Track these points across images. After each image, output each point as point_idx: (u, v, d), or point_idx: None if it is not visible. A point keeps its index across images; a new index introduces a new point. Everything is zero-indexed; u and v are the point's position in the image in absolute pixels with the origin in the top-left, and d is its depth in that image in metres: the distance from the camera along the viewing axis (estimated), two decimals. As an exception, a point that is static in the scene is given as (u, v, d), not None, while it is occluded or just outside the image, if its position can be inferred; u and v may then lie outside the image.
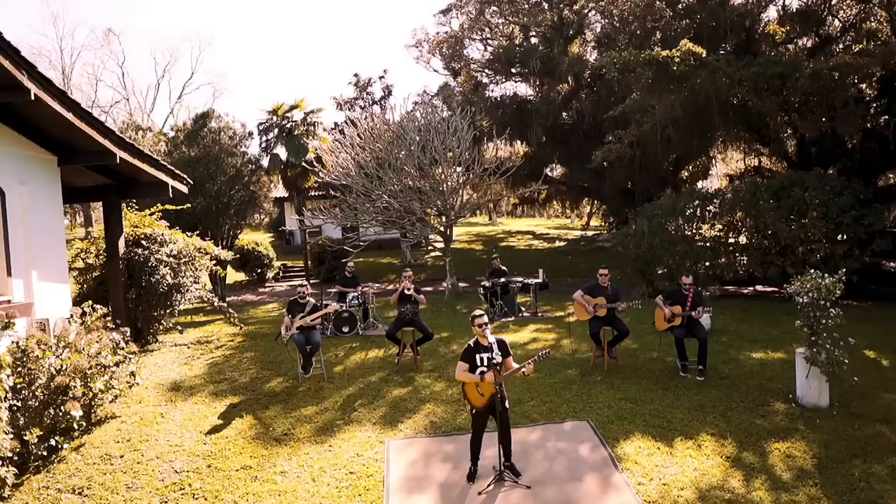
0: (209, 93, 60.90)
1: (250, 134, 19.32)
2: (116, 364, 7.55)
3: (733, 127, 17.10)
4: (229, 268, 23.03)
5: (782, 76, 13.54)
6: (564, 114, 25.36)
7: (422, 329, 9.48)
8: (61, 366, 6.76)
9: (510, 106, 25.38)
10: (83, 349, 7.19)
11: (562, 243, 35.03)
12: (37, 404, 6.49)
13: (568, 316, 13.72)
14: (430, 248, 32.97)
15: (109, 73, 73.61)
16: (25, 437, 5.97)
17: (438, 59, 26.26)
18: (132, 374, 7.87)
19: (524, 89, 28.96)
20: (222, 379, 9.12)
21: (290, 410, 7.78)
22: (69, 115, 7.63)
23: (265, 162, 19.73)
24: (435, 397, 8.12)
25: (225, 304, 11.92)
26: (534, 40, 23.50)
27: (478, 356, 5.95)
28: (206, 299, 11.55)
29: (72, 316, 7.64)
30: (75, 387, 6.74)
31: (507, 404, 5.93)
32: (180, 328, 11.57)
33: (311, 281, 19.39)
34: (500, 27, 26.91)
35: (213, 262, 11.92)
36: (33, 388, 6.41)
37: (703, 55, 13.40)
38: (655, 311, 9.07)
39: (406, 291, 9.35)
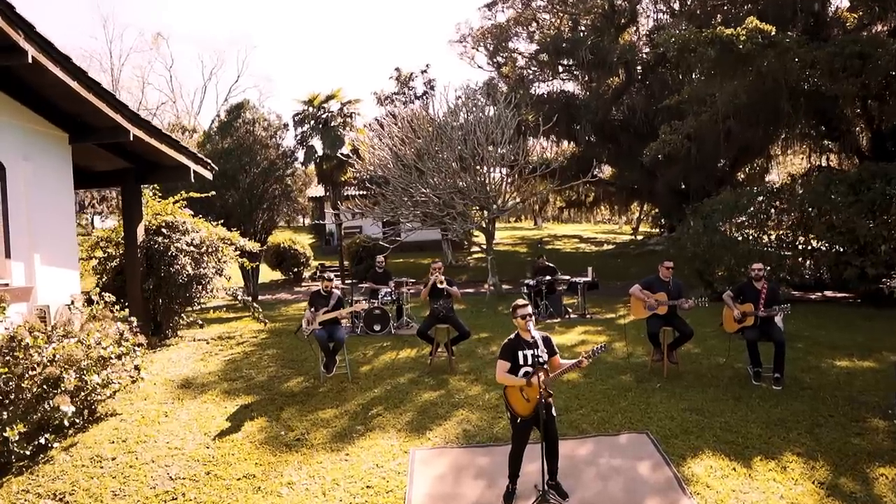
0: (255, 95, 61.63)
1: (285, 126, 18.78)
2: (118, 357, 6.85)
3: (802, 116, 15.59)
4: (265, 266, 22.64)
5: (862, 56, 12.14)
6: (614, 109, 24.09)
7: (457, 326, 8.53)
8: (53, 356, 6.09)
9: (557, 101, 24.25)
10: (82, 339, 6.54)
11: (610, 247, 33.65)
12: (27, 397, 5.82)
13: (620, 318, 12.59)
14: (471, 248, 32.11)
15: (157, 76, 75.28)
16: (6, 435, 5.30)
17: (483, 53, 25.34)
18: (136, 368, 7.16)
19: (572, 87, 27.86)
20: (238, 377, 8.36)
21: (306, 413, 6.95)
22: (74, 84, 7.02)
23: (300, 155, 19.15)
24: (470, 402, 7.16)
25: (250, 299, 11.24)
26: (583, 32, 22.34)
27: (520, 353, 4.99)
28: (229, 292, 10.87)
29: (72, 302, 6.99)
30: (68, 379, 6.05)
31: (553, 411, 4.94)
32: (201, 322, 10.93)
33: (347, 282, 18.74)
34: (548, 20, 25.85)
35: (238, 253, 11.23)
36: (20, 379, 5.74)
37: (773, 33, 12.11)
38: (724, 311, 7.92)
39: (438, 285, 8.44)
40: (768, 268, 13.34)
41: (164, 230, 10.17)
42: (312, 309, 8.12)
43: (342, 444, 6.08)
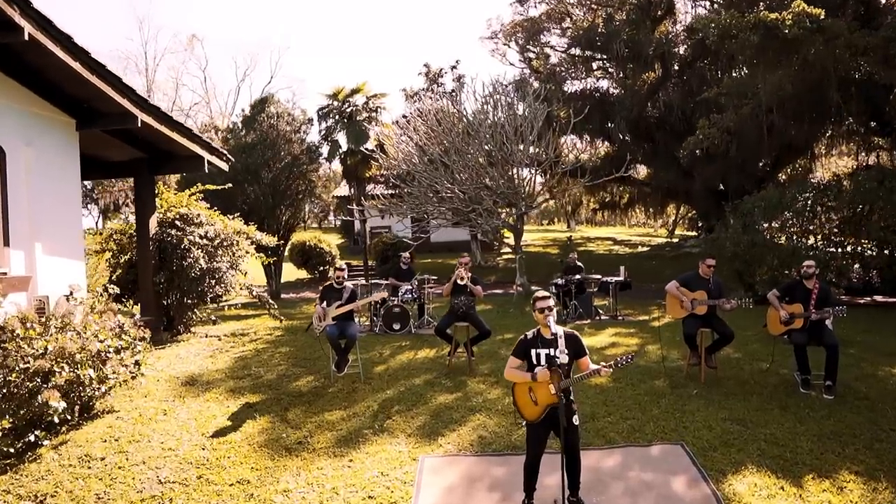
0: (288, 96, 61.97)
1: (310, 120, 18.45)
2: (117, 351, 6.50)
3: (853, 108, 14.56)
4: (291, 265, 22.42)
5: (921, 41, 11.23)
6: (650, 106, 23.22)
7: (477, 325, 8.00)
8: (45, 348, 5.76)
9: (591, 97, 23.50)
10: (79, 331, 6.21)
11: (644, 249, 32.68)
12: (15, 391, 5.49)
13: (654, 320, 11.88)
14: (501, 249, 31.51)
15: (192, 77, 76.33)
16: (-12, 431, 4.98)
17: (514, 49, 24.70)
18: (137, 363, 6.81)
19: (606, 85, 27.01)
20: (245, 375, 7.97)
21: (312, 414, 6.50)
22: (76, 65, 6.71)
23: (324, 150, 18.81)
24: (488, 406, 6.62)
25: (266, 295, 10.87)
26: (617, 25, 21.51)
27: (534, 351, 4.44)
28: (243, 286, 10.51)
29: (71, 293, 6.67)
30: (59, 373, 5.71)
31: (576, 420, 4.38)
32: (214, 318, 10.59)
33: (372, 281, 18.34)
34: (581, 16, 25.10)
35: (255, 247, 10.88)
36: (8, 372, 5.42)
37: (821, 17, 11.27)
38: (768, 312, 7.23)
39: (459, 281, 7.92)
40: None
41: (177, 223, 9.88)
42: (324, 304, 7.68)
43: (346, 449, 5.61)
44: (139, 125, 7.84)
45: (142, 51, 53.91)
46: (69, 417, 5.98)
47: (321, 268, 22.36)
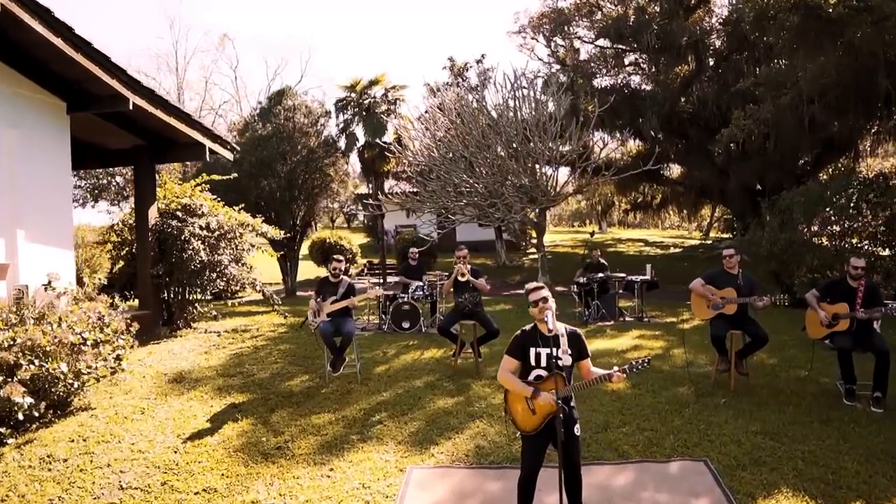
0: (319, 95, 62.01)
1: (328, 113, 18.02)
2: (95, 344, 6.10)
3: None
4: (311, 262, 22.07)
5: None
6: (683, 100, 22.24)
7: (484, 323, 7.40)
8: (13, 339, 5.37)
9: (621, 92, 22.63)
10: (51, 322, 5.82)
11: (676, 250, 31.58)
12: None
13: (682, 322, 11.12)
14: (527, 249, 30.78)
15: (223, 76, 76.83)
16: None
17: (542, 43, 23.95)
18: (118, 358, 6.39)
19: (637, 80, 26.07)
20: (237, 372, 7.51)
21: (298, 417, 5.99)
22: (57, 42, 6.37)
23: (342, 143, 18.35)
24: (490, 413, 6.02)
25: (270, 290, 10.44)
26: (648, 16, 20.62)
27: (533, 351, 3.86)
28: (248, 281, 10.08)
29: (49, 283, 6.28)
30: (25, 367, 5.32)
31: (577, 430, 3.78)
32: (215, 313, 10.20)
33: (373, 280, 17.90)
34: (612, 9, 24.23)
35: (260, 239, 10.46)
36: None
37: (869, -5, 10.37)
38: (807, 313, 6.48)
39: (460, 277, 7.33)
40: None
41: (179, 213, 9.51)
42: (319, 298, 7.19)
43: (328, 457, 5.08)
44: (131, 108, 7.46)
45: (172, 50, 54.28)
46: (37, 414, 5.58)
47: (342, 266, 21.92)
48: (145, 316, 9.11)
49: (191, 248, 9.13)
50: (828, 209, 12.24)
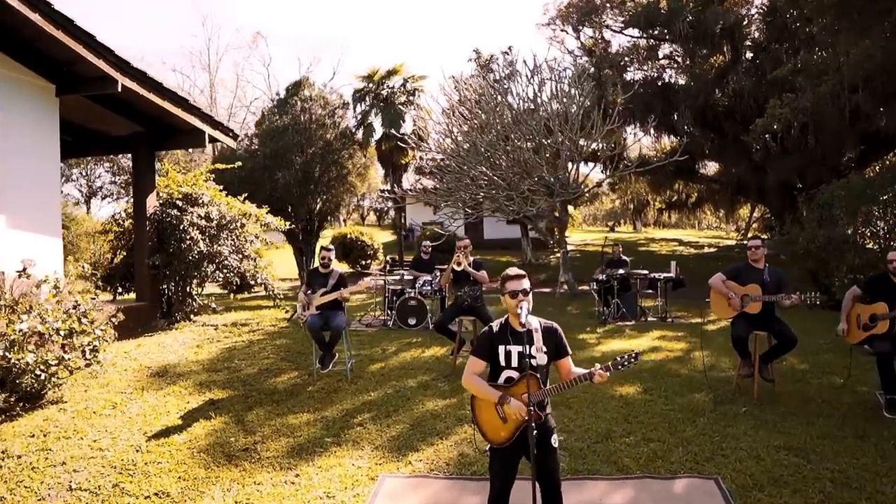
0: (349, 92, 61.90)
1: (346, 104, 17.63)
2: (69, 334, 5.79)
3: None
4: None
5: None
6: (718, 92, 21.24)
7: (485, 319, 6.85)
8: (-25, 328, 5.09)
9: (653, 84, 21.75)
10: (14, 309, 5.53)
11: (711, 250, 30.43)
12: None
13: (708, 323, 10.38)
14: (555, 248, 30.03)
15: (256, 73, 77.10)
16: None
17: (571, 35, 23.18)
18: (94, 350, 6.08)
19: (669, 74, 25.07)
20: (224, 367, 7.15)
21: (275, 416, 5.58)
22: (35, 17, 6.10)
23: (360, 135, 17.90)
24: (483, 416, 5.50)
25: (272, 282, 10.10)
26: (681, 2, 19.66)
27: (503, 349, 3.34)
28: (249, 273, 9.76)
29: (24, 269, 6.01)
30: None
31: (555, 441, 3.25)
32: (214, 306, 9.89)
33: (379, 271, 17.48)
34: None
35: (263, 229, 10.13)
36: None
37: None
38: (843, 311, 5.79)
39: (456, 267, 6.82)
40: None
41: (179, 202, 9.22)
42: (309, 291, 6.77)
43: (297, 461, 4.64)
44: (119, 90, 7.16)
45: (205, 47, 54.76)
46: (6, 407, 5.29)
47: (363, 261, 21.65)
48: (142, 308, 8.86)
49: (189, 238, 8.83)
50: (872, 206, 11.35)
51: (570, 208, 36.69)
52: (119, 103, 8.20)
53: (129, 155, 9.75)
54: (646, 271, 11.46)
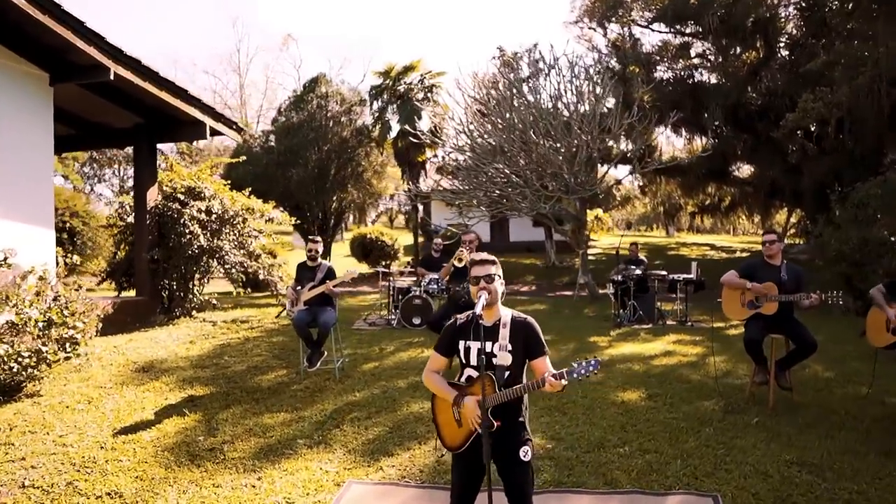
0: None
1: (362, 101, 17.39)
2: (45, 327, 5.61)
3: None
4: (353, 258, 21.64)
5: None
6: (750, 90, 20.43)
7: (481, 318, 6.49)
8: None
9: (683, 82, 21.05)
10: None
11: (744, 254, 29.43)
12: None
13: (729, 328, 9.82)
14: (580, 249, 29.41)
15: (286, 75, 77.79)
16: None
17: (599, 31, 22.58)
18: (74, 343, 5.90)
19: (701, 71, 24.29)
20: (212, 364, 6.92)
21: (252, 415, 5.31)
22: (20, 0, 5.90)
23: (376, 133, 17.64)
24: (471, 420, 5.14)
25: (276, 280, 9.90)
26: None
27: (463, 344, 3.00)
28: (248, 268, 9.56)
29: (5, 259, 5.86)
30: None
31: (525, 454, 2.85)
32: (215, 301, 9.72)
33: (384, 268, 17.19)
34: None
35: (263, 221, 9.93)
36: None
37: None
38: (868, 315, 5.28)
39: (457, 263, 6.48)
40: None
41: (181, 196, 9.08)
42: (298, 287, 6.51)
43: (262, 463, 4.35)
44: (112, 78, 7.02)
45: (235, 48, 55.44)
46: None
47: (383, 262, 21.41)
48: (140, 302, 8.73)
49: (189, 232, 8.67)
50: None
51: (600, 211, 36.02)
52: (118, 94, 8.08)
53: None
54: (664, 272, 10.92)
